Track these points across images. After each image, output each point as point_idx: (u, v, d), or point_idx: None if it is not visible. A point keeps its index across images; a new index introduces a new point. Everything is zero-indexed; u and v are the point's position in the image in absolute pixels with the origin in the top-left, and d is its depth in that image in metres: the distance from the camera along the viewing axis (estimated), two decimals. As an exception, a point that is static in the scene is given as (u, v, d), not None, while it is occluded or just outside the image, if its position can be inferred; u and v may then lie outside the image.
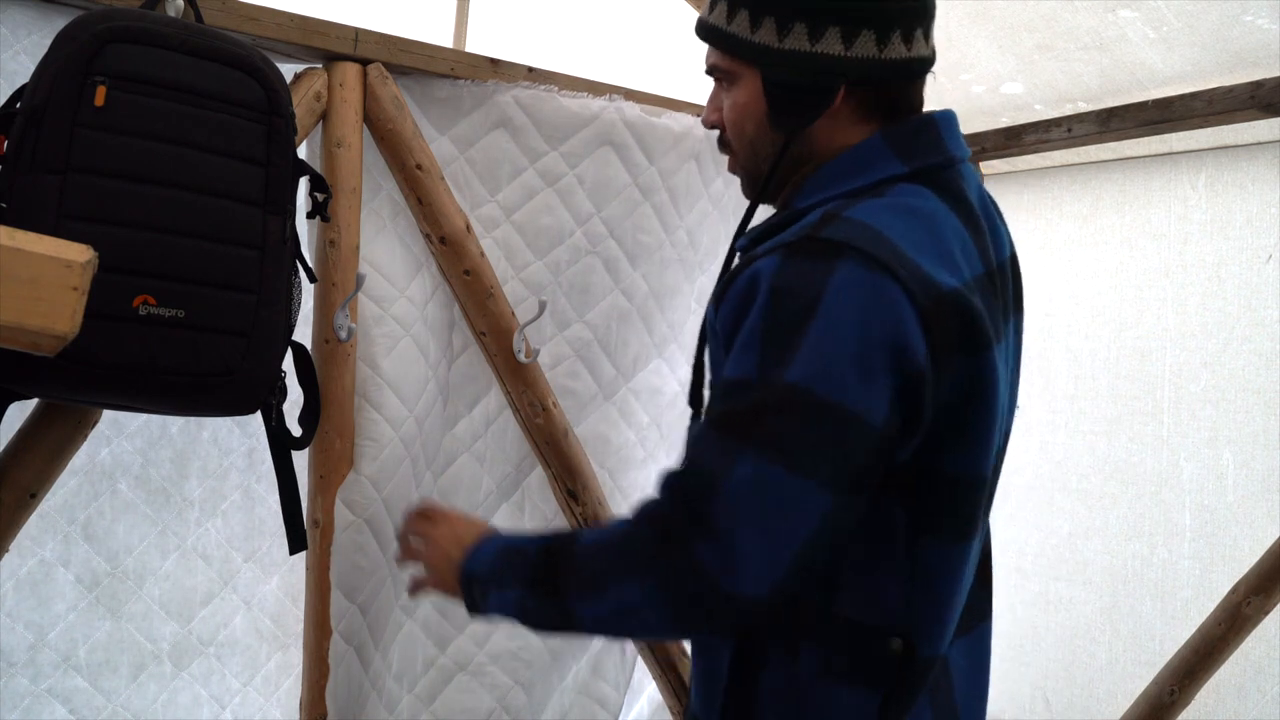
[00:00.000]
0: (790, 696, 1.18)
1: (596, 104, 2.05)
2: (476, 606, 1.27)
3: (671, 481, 1.13)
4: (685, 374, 2.30)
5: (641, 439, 2.23)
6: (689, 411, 2.12)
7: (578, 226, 2.08)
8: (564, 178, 2.05)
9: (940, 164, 1.24)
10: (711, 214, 2.29)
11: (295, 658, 1.90)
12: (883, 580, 1.16)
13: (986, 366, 1.14)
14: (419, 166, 1.89)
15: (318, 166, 1.79)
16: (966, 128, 2.46)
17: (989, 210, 1.34)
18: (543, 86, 2.01)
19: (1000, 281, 1.25)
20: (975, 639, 1.31)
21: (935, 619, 1.18)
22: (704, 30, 1.31)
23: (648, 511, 1.14)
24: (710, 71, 1.34)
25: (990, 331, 1.14)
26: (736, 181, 2.30)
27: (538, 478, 2.15)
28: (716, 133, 1.39)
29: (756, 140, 1.30)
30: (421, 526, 1.38)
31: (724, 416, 1.12)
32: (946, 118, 1.29)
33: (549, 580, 1.19)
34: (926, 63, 1.27)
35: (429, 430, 1.95)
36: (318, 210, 1.67)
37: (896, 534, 1.15)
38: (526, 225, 2.01)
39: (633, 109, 2.10)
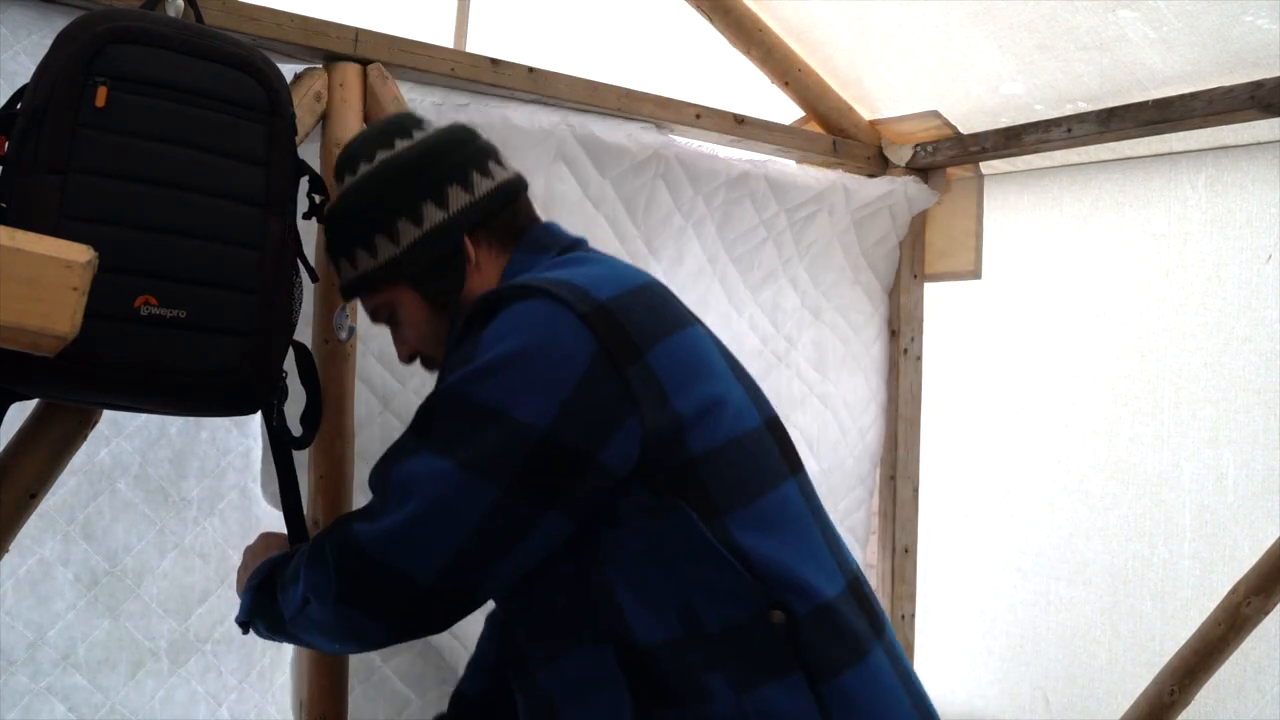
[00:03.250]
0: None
1: (548, 120, 2.05)
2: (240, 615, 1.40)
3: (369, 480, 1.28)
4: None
5: None
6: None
7: None
8: None
9: (572, 243, 1.45)
10: (677, 223, 2.29)
11: (290, 654, 1.91)
12: (759, 544, 1.21)
13: (688, 342, 1.28)
14: (419, 166, 1.89)
15: (317, 167, 1.80)
16: (966, 127, 2.48)
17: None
18: (495, 105, 2.02)
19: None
20: (870, 667, 1.26)
21: (796, 566, 1.22)
22: (349, 289, 1.48)
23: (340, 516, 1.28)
24: (375, 317, 1.51)
25: (671, 318, 1.30)
26: (714, 194, 2.32)
27: None
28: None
29: (440, 333, 1.43)
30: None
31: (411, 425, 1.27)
32: (549, 224, 1.49)
33: (270, 580, 1.35)
34: (516, 183, 1.48)
35: None
36: (315, 211, 1.67)
37: (696, 525, 1.19)
38: None
39: (584, 124, 2.10)
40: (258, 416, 1.79)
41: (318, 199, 1.67)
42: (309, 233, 1.76)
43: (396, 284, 1.43)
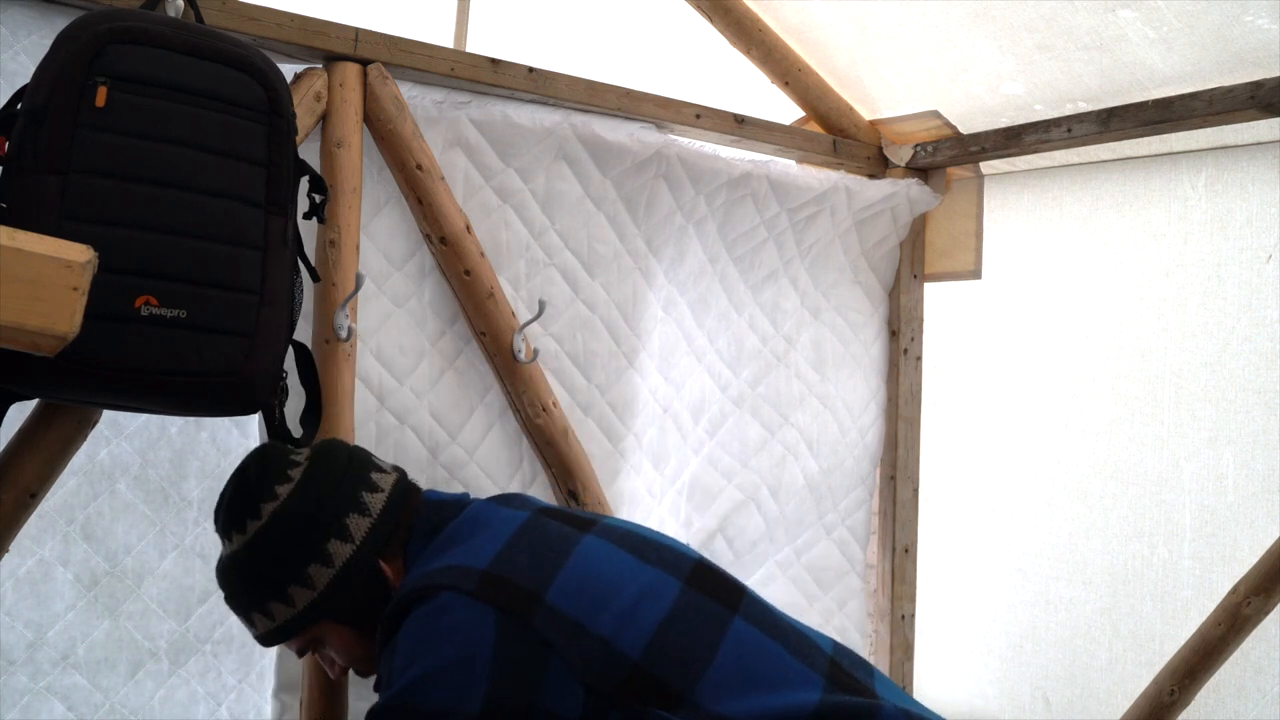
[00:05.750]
0: None
1: (550, 119, 2.05)
2: None
3: None
4: (656, 383, 2.30)
5: (620, 450, 2.23)
6: (665, 420, 2.26)
7: (534, 240, 2.10)
8: (518, 193, 2.07)
9: (454, 513, 1.47)
10: (678, 222, 2.29)
11: (289, 653, 1.91)
12: None
13: (580, 565, 1.34)
14: (419, 166, 1.89)
15: (317, 167, 1.79)
16: (966, 127, 2.48)
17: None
18: (497, 104, 2.02)
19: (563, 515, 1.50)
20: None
21: (776, 697, 1.30)
22: (268, 638, 1.47)
23: None
24: (300, 652, 1.52)
25: (557, 549, 1.36)
26: (715, 194, 2.33)
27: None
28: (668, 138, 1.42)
29: (376, 656, 1.43)
30: None
31: None
32: (428, 499, 1.52)
33: None
34: (400, 484, 1.50)
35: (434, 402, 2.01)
36: (315, 211, 1.66)
37: None
38: (485, 242, 2.01)
39: (586, 123, 2.10)
40: (258, 416, 1.79)
41: (318, 199, 1.67)
42: (309, 232, 1.76)
43: (320, 621, 1.43)
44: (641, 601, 1.32)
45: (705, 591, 1.38)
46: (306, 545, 1.40)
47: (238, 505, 1.45)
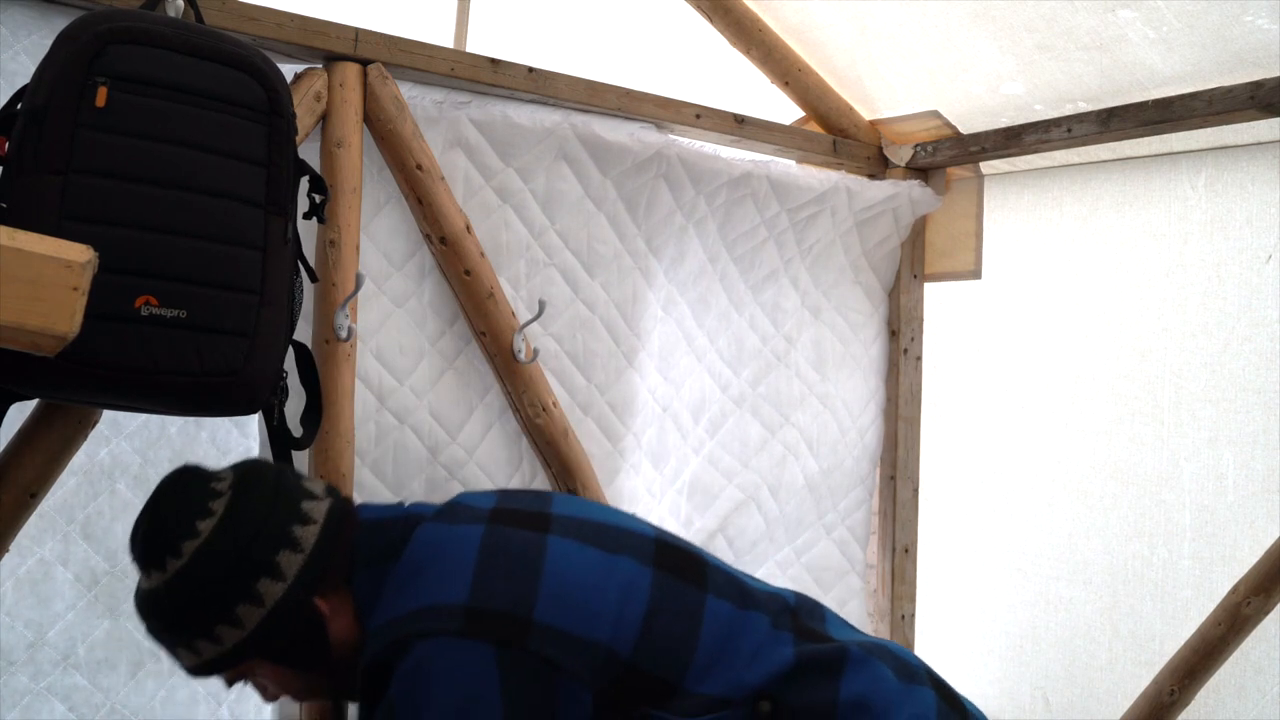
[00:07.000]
0: None
1: (550, 119, 2.06)
2: None
3: None
4: (655, 382, 2.30)
5: (620, 450, 2.23)
6: (665, 420, 2.26)
7: (534, 240, 2.10)
8: (518, 193, 2.07)
9: (401, 533, 1.39)
10: (678, 222, 2.29)
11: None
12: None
13: (556, 571, 1.31)
14: (419, 166, 1.89)
15: (317, 167, 1.80)
16: (966, 127, 2.48)
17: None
18: (496, 104, 2.02)
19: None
20: (851, 659, 1.38)
21: (754, 668, 1.33)
22: (196, 672, 1.39)
23: None
24: (230, 682, 1.43)
25: (529, 560, 1.32)
26: (715, 194, 2.33)
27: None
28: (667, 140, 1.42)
29: (312, 684, 1.41)
30: None
31: None
32: (366, 517, 1.44)
33: None
34: (334, 509, 1.40)
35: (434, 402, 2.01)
36: (315, 212, 1.66)
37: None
38: (485, 242, 2.01)
39: (586, 123, 2.10)
40: (258, 416, 1.79)
41: (318, 199, 1.67)
42: (309, 232, 1.76)
43: (251, 661, 1.36)
44: (624, 598, 1.32)
45: (674, 574, 1.38)
46: (234, 585, 1.30)
47: (156, 541, 1.33)
